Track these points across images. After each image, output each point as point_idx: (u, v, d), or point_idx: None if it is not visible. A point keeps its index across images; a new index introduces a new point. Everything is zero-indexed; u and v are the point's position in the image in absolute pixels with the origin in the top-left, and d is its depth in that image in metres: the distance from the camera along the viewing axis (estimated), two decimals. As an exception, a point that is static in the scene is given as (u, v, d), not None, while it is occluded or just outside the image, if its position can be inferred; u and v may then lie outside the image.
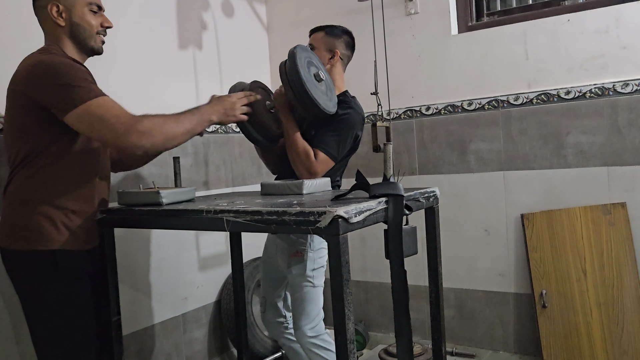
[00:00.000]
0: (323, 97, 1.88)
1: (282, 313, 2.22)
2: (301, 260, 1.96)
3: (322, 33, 2.15)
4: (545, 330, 2.48)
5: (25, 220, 1.44)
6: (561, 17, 2.52)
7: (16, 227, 1.45)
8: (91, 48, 1.61)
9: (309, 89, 1.79)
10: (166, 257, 2.61)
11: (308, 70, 1.86)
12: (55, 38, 1.56)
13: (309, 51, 1.97)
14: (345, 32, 2.18)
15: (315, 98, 1.81)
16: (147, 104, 2.54)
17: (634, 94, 2.37)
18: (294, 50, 1.85)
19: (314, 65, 1.93)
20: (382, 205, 1.40)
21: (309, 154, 1.91)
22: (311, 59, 1.94)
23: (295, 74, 1.79)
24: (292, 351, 2.22)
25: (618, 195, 2.43)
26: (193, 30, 2.81)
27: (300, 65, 1.81)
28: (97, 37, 1.61)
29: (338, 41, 2.15)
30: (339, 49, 2.15)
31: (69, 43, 1.57)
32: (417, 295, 2.88)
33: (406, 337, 1.45)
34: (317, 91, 1.85)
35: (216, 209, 1.41)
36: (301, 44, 1.93)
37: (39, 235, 1.44)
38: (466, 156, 2.77)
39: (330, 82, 2.01)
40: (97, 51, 1.63)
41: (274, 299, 2.21)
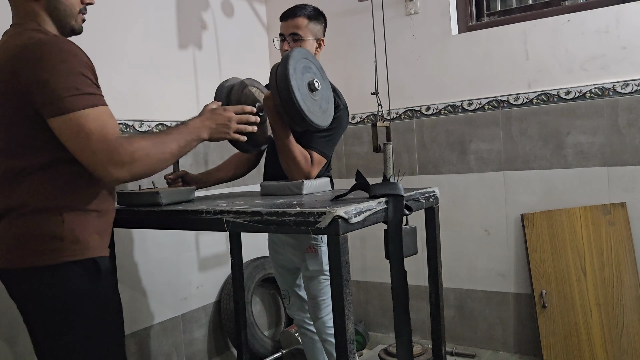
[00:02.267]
0: (315, 108, 1.73)
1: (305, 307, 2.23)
2: (316, 256, 1.97)
3: (304, 19, 1.98)
4: (545, 330, 2.48)
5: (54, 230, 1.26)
6: (561, 17, 2.52)
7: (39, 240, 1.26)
8: (71, 28, 1.38)
9: (296, 98, 1.64)
10: (166, 257, 2.61)
11: (302, 77, 1.71)
12: (32, 13, 1.31)
13: (310, 55, 1.81)
14: (322, 14, 2.06)
15: (302, 108, 1.65)
16: (147, 104, 2.55)
17: (634, 94, 2.37)
18: (289, 54, 1.70)
19: (311, 72, 1.77)
20: (382, 205, 1.39)
21: (308, 158, 1.85)
22: (309, 64, 1.78)
23: (284, 80, 1.64)
24: (310, 342, 2.23)
25: (618, 195, 2.43)
26: (193, 30, 2.81)
27: (292, 70, 1.66)
28: (78, 17, 1.39)
29: (321, 27, 2.03)
30: (322, 36, 2.03)
31: (47, 20, 1.33)
32: (417, 295, 2.88)
33: (406, 337, 1.45)
34: (307, 101, 1.69)
35: (216, 210, 1.41)
36: (300, 48, 1.80)
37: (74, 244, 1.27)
38: (466, 156, 2.77)
39: (329, 92, 1.86)
40: (77, 31, 1.41)
41: (294, 288, 2.22)
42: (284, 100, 1.66)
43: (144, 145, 1.27)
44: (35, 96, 1.20)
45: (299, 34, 1.98)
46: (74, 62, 1.22)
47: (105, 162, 1.20)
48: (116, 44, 2.40)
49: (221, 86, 1.83)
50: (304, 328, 2.24)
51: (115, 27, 2.40)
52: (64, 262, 1.26)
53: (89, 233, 1.31)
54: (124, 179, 1.24)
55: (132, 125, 2.45)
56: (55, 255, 1.26)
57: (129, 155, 1.22)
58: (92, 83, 1.25)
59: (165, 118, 2.62)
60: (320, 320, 2.03)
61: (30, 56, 1.20)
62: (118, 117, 2.37)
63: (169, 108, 2.65)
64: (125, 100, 2.40)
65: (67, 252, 1.27)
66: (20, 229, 1.26)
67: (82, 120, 1.19)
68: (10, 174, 1.27)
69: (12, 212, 1.27)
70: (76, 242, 1.28)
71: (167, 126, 2.62)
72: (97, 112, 1.22)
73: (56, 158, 1.27)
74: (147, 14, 2.56)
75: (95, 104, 1.22)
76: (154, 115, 2.56)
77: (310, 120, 1.69)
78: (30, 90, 1.20)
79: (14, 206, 1.27)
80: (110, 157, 1.20)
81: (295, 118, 1.70)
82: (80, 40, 1.35)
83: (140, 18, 2.52)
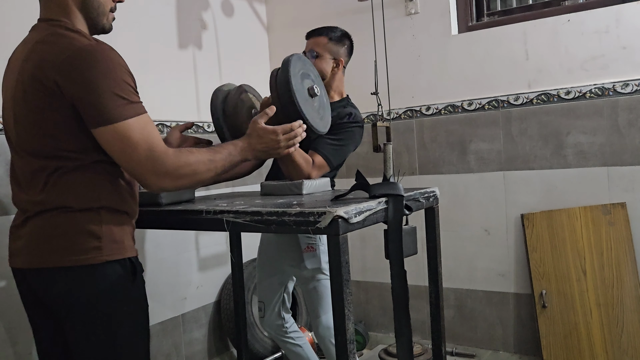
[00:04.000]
0: (313, 114, 1.72)
1: (282, 316, 2.22)
2: (314, 255, 1.98)
3: (325, 39, 2.06)
4: (545, 330, 2.48)
5: (92, 229, 1.24)
6: (561, 17, 2.52)
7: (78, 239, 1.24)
8: (102, 27, 1.37)
9: (298, 102, 1.63)
10: (166, 257, 2.61)
11: (301, 83, 1.71)
12: (64, 9, 1.28)
13: (307, 62, 1.83)
14: (347, 37, 2.13)
15: (303, 113, 1.65)
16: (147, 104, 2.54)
17: (634, 94, 2.37)
18: (289, 59, 1.70)
19: (310, 79, 1.78)
20: (382, 205, 1.39)
21: (309, 160, 1.85)
22: (308, 71, 1.79)
23: (286, 84, 1.64)
24: (293, 354, 2.22)
25: (618, 195, 2.43)
26: (193, 30, 2.81)
27: (293, 75, 1.66)
28: (109, 15, 1.37)
29: (342, 49, 2.09)
30: (342, 56, 2.09)
31: (79, 17, 1.30)
32: (417, 295, 2.88)
33: (406, 337, 1.45)
34: (307, 106, 1.69)
35: (216, 210, 1.41)
36: (299, 54, 1.81)
37: (113, 243, 1.27)
38: (466, 156, 2.77)
39: (327, 100, 1.87)
40: (107, 30, 1.39)
41: (273, 302, 2.20)
42: (284, 103, 1.65)
43: (192, 161, 1.27)
44: (79, 104, 1.19)
45: (317, 51, 2.05)
46: (118, 70, 1.21)
47: (151, 172, 1.22)
48: (116, 44, 2.39)
49: (217, 91, 1.82)
50: (283, 341, 2.22)
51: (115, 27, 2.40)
52: (104, 262, 1.25)
53: (124, 233, 1.31)
54: (166, 188, 1.27)
55: (132, 125, 2.45)
56: (94, 254, 1.24)
57: (174, 169, 1.24)
58: (134, 91, 1.24)
59: (166, 118, 2.62)
60: (318, 320, 2.03)
61: (75, 64, 1.17)
62: (118, 117, 2.37)
63: (169, 108, 2.65)
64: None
65: (106, 251, 1.25)
66: (56, 228, 1.24)
67: (128, 132, 1.19)
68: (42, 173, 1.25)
69: (46, 212, 1.24)
70: (114, 242, 1.27)
71: (167, 126, 2.62)
72: (141, 121, 1.22)
73: (95, 160, 1.26)
74: (147, 14, 2.56)
75: (138, 112, 1.22)
76: (154, 115, 2.53)
77: (311, 124, 1.68)
78: (75, 98, 1.19)
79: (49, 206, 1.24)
80: (155, 169, 1.22)
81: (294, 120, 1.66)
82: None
83: (140, 18, 2.52)
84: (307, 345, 2.22)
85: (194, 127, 2.77)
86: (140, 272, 1.33)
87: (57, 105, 1.20)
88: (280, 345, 2.27)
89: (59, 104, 1.20)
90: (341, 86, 2.14)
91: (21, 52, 1.28)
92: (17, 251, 1.30)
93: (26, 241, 1.27)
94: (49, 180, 1.24)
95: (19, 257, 1.29)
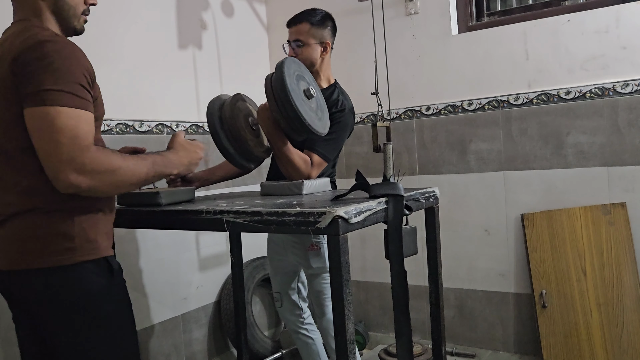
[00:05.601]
0: (311, 114, 1.73)
1: (299, 305, 2.24)
2: (319, 253, 1.99)
3: (307, 25, 2.01)
4: (545, 330, 2.48)
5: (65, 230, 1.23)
6: (561, 17, 2.52)
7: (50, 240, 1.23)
8: (73, 28, 1.37)
9: (295, 103, 1.64)
10: (166, 257, 2.61)
11: (297, 85, 1.72)
12: (35, 11, 1.30)
13: (301, 65, 1.83)
14: (328, 17, 2.07)
15: (301, 113, 1.66)
16: (147, 104, 2.55)
17: (634, 94, 2.37)
18: (283, 62, 1.71)
19: (305, 81, 1.79)
20: (382, 205, 1.40)
21: (307, 161, 1.86)
22: (302, 73, 1.80)
23: (282, 86, 1.65)
24: (304, 346, 2.23)
25: (618, 195, 2.43)
26: (193, 30, 2.81)
27: (288, 77, 1.67)
28: (81, 17, 1.38)
29: (326, 30, 2.04)
30: (328, 39, 2.05)
31: (51, 19, 1.32)
32: (417, 295, 2.88)
33: (406, 337, 1.45)
34: (305, 107, 1.70)
35: (216, 210, 1.41)
36: (292, 57, 1.81)
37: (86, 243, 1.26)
38: (466, 156, 2.77)
39: (323, 102, 1.88)
40: (79, 32, 1.39)
41: (288, 292, 2.22)
42: (281, 104, 1.66)
43: (114, 160, 1.21)
44: (23, 88, 1.16)
45: (301, 40, 2.01)
46: (73, 65, 1.19)
47: (66, 162, 1.14)
48: (116, 44, 2.40)
49: (212, 102, 1.82)
50: (297, 332, 2.24)
51: (115, 27, 2.40)
52: (78, 262, 1.24)
53: (98, 233, 1.30)
54: (78, 186, 1.16)
55: (132, 125, 2.45)
56: (68, 255, 1.23)
57: (94, 163, 1.16)
58: (86, 90, 1.21)
59: (165, 118, 2.62)
60: (325, 318, 2.05)
61: (31, 53, 1.16)
62: (118, 117, 2.37)
63: (169, 108, 2.65)
64: (125, 100, 2.40)
65: (79, 251, 1.25)
66: (27, 230, 1.23)
67: (57, 117, 1.14)
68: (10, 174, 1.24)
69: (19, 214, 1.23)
70: (88, 242, 1.26)
71: (167, 126, 2.62)
72: (77, 113, 1.17)
73: None
74: (147, 14, 2.56)
75: (78, 106, 1.17)
76: (154, 115, 2.56)
77: (308, 124, 1.69)
78: (22, 83, 1.16)
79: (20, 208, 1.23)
80: (73, 159, 1.14)
81: (293, 124, 1.69)
82: (80, 40, 1.35)
83: (140, 18, 2.52)
84: (319, 340, 2.24)
85: (193, 127, 2.77)
86: (117, 271, 1.32)
87: (12, 98, 1.19)
88: (293, 337, 2.28)
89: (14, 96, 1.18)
90: (328, 71, 2.11)
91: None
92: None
93: (2, 243, 1.27)
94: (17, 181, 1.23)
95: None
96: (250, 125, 1.82)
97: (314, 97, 1.77)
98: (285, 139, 1.80)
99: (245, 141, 1.78)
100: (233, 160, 1.80)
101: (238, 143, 1.78)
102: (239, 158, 1.80)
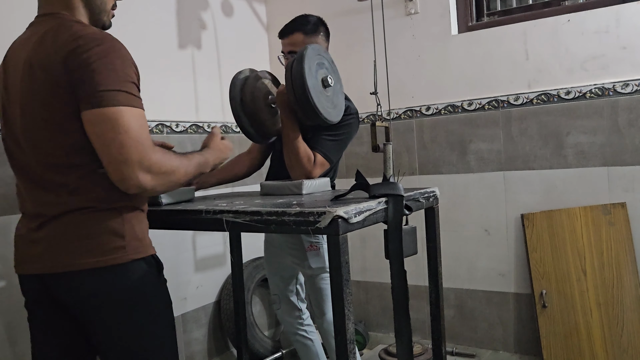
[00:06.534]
0: (327, 104, 1.79)
1: (297, 307, 2.24)
2: (318, 253, 1.99)
3: (300, 35, 2.00)
4: (545, 330, 2.48)
5: (115, 228, 1.22)
6: (561, 17, 2.52)
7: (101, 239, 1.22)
8: (103, 24, 1.35)
9: (311, 96, 1.69)
10: (165, 257, 2.57)
11: (315, 74, 1.76)
12: (67, 4, 1.27)
13: (323, 51, 1.85)
14: (320, 23, 2.06)
15: (317, 106, 1.71)
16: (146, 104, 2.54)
17: (634, 94, 2.37)
18: (304, 52, 1.73)
19: (325, 68, 1.82)
20: (382, 205, 1.39)
21: (311, 158, 1.87)
22: (323, 60, 1.83)
23: (300, 78, 1.69)
24: (303, 347, 2.23)
25: (618, 195, 2.43)
26: (193, 30, 2.81)
27: (307, 68, 1.70)
28: (110, 13, 1.37)
29: (319, 37, 2.04)
30: (322, 45, 2.04)
31: (82, 12, 1.29)
32: (417, 295, 2.88)
33: (406, 337, 1.45)
34: (321, 98, 1.75)
35: (215, 210, 1.41)
36: (314, 45, 1.82)
37: (135, 241, 1.26)
38: (466, 156, 2.77)
39: (340, 87, 1.91)
40: (107, 27, 1.37)
41: (287, 294, 2.22)
42: (299, 98, 1.72)
43: (173, 161, 1.23)
44: (78, 88, 1.14)
45: (296, 50, 1.98)
46: (126, 63, 1.19)
47: (134, 162, 1.13)
48: (116, 44, 2.40)
49: (235, 78, 1.90)
50: (295, 333, 2.24)
51: (115, 27, 2.39)
52: (130, 260, 1.24)
53: (144, 230, 1.31)
54: (145, 186, 1.15)
55: (132, 125, 2.45)
56: (120, 253, 1.23)
57: (160, 164, 1.17)
58: (136, 87, 1.22)
59: (165, 118, 2.62)
60: (325, 317, 2.05)
61: (83, 52, 1.14)
62: (118, 117, 2.37)
63: (169, 108, 2.65)
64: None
65: (130, 249, 1.24)
66: (80, 229, 1.21)
67: (120, 117, 1.13)
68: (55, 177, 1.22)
69: (67, 213, 1.21)
70: (137, 240, 1.26)
71: (167, 126, 2.62)
72: (136, 113, 1.17)
73: None
74: (147, 14, 2.55)
75: (134, 105, 1.17)
76: (154, 115, 2.56)
77: (324, 117, 1.76)
78: (76, 82, 1.14)
79: (71, 207, 1.21)
80: (141, 159, 1.13)
81: (309, 115, 1.76)
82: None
83: (140, 18, 2.52)
84: (318, 342, 2.24)
85: (193, 127, 2.77)
86: (162, 269, 1.35)
87: (66, 97, 1.16)
88: (292, 338, 2.28)
89: (68, 97, 1.16)
90: None
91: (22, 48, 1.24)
92: (33, 257, 1.26)
93: (46, 246, 1.23)
94: (64, 182, 1.21)
95: (37, 263, 1.25)
96: (269, 103, 1.92)
97: (331, 86, 1.81)
98: (298, 129, 1.85)
99: (263, 122, 1.91)
100: (253, 138, 1.95)
101: (257, 124, 1.91)
102: (257, 137, 1.95)
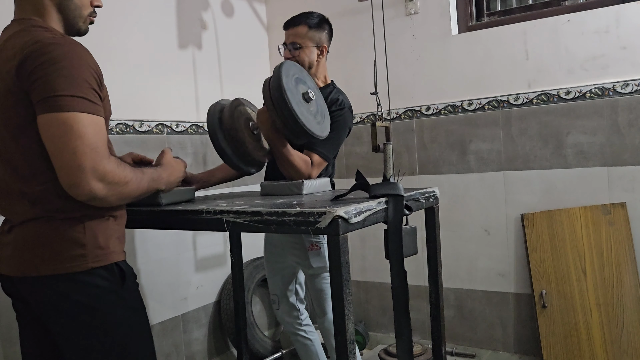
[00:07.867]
0: (310, 118, 1.73)
1: (296, 307, 2.24)
2: (319, 253, 1.99)
3: (304, 28, 2.01)
4: (545, 330, 2.48)
5: (76, 237, 1.22)
6: (561, 17, 2.52)
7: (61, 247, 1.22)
8: (78, 29, 1.34)
9: (290, 102, 1.64)
10: (166, 257, 2.61)
11: (295, 88, 1.72)
12: (38, 9, 1.26)
13: (303, 70, 1.85)
14: (325, 21, 2.08)
15: (296, 112, 1.65)
16: (147, 104, 2.55)
17: (634, 94, 2.37)
18: (280, 66, 1.71)
19: (304, 84, 1.78)
20: (382, 205, 1.39)
21: (307, 161, 1.86)
22: (301, 76, 1.80)
23: (277, 85, 1.64)
24: (302, 347, 2.23)
25: (618, 195, 2.43)
26: (193, 30, 2.81)
27: (285, 77, 1.67)
28: (87, 19, 1.35)
29: (323, 34, 2.05)
30: (325, 42, 2.06)
31: (55, 18, 1.28)
32: (417, 295, 2.88)
33: (406, 337, 1.45)
34: (303, 111, 1.69)
35: (216, 210, 1.41)
36: (291, 62, 1.82)
37: (97, 249, 1.25)
38: (466, 156, 2.77)
39: (323, 105, 1.87)
40: (82, 33, 1.36)
41: (286, 294, 2.22)
42: (276, 103, 1.67)
43: (127, 172, 1.21)
44: (34, 94, 1.13)
45: (299, 42, 2.01)
46: (83, 68, 1.16)
47: (87, 169, 1.11)
48: (116, 44, 2.40)
49: (213, 107, 1.83)
50: (295, 333, 2.24)
51: (115, 27, 2.40)
52: (90, 269, 1.24)
53: (109, 238, 1.29)
54: (96, 195, 1.14)
55: (132, 125, 2.45)
56: (79, 262, 1.22)
57: (113, 173, 1.16)
58: (97, 93, 1.19)
59: (165, 118, 2.62)
60: (326, 317, 2.06)
61: (38, 56, 1.13)
62: (118, 117, 2.37)
63: (169, 108, 2.65)
64: (125, 100, 2.39)
65: (91, 258, 1.24)
66: (38, 238, 1.22)
67: (76, 123, 1.11)
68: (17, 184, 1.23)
69: (30, 221, 1.22)
70: (99, 248, 1.25)
71: (167, 126, 2.62)
72: (93, 119, 1.15)
73: None
74: (147, 14, 2.56)
75: (91, 111, 1.15)
76: (154, 115, 2.56)
77: (305, 126, 1.68)
78: (32, 90, 1.13)
79: (28, 217, 1.22)
80: (95, 167, 1.12)
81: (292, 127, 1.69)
82: (80, 40, 1.33)
83: (140, 18, 2.52)
84: (318, 341, 2.24)
85: (193, 127, 2.77)
86: (130, 276, 1.31)
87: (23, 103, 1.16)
88: (292, 338, 2.28)
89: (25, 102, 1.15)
90: (325, 72, 2.13)
91: None
92: (3, 259, 1.29)
93: (12, 250, 1.26)
94: (25, 190, 1.22)
95: (7, 266, 1.28)
96: (251, 129, 1.84)
97: (313, 101, 1.77)
98: (284, 140, 1.81)
99: (243, 143, 1.79)
100: (230, 161, 1.82)
101: (236, 145, 1.79)
102: (236, 160, 1.81)
